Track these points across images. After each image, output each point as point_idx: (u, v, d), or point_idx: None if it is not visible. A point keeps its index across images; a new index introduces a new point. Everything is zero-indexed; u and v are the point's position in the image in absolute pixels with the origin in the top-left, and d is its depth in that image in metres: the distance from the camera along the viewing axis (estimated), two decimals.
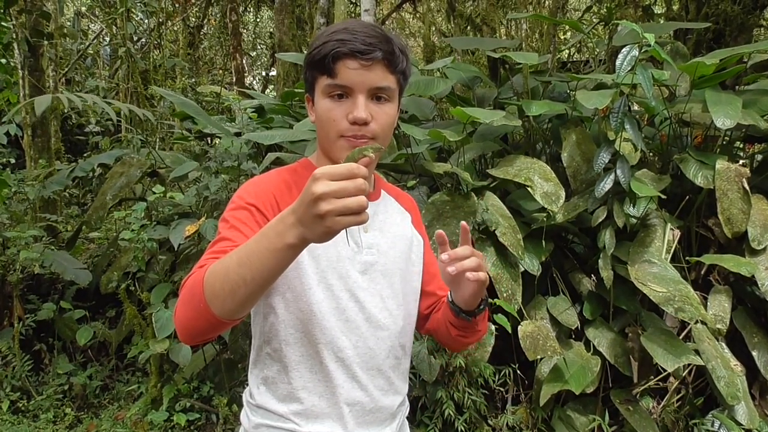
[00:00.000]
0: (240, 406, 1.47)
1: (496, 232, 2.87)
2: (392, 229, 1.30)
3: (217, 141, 4.57)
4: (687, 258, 3.04)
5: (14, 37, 5.27)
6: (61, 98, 3.61)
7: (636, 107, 3.50)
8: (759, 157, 3.62)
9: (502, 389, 3.04)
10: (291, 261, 0.93)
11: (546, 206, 2.87)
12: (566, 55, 9.04)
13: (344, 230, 0.92)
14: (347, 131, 1.16)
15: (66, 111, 7.44)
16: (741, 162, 3.10)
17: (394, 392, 1.28)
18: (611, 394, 2.86)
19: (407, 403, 1.38)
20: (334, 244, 1.16)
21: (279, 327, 1.21)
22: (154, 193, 3.30)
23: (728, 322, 2.81)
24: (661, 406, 2.86)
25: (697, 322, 2.69)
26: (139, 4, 7.34)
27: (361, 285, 1.22)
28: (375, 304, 1.23)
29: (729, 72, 3.18)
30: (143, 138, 4.78)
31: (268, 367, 1.24)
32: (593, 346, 2.88)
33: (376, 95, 1.17)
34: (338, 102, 1.16)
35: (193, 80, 10.05)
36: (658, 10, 7.31)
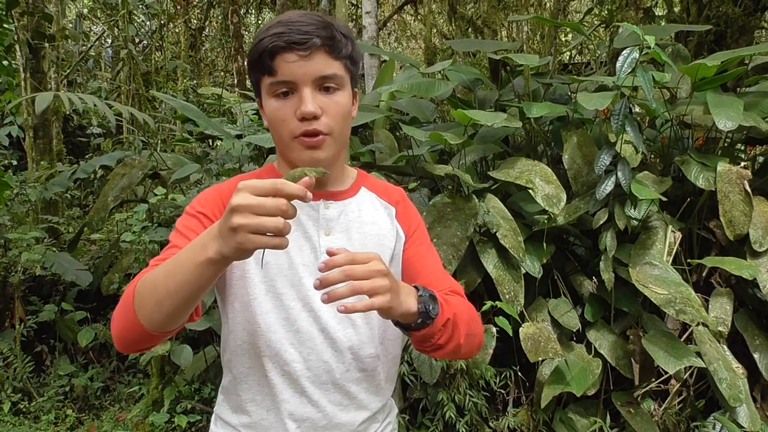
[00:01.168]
0: None
1: (497, 234, 2.87)
2: (363, 229, 1.20)
3: (218, 143, 4.58)
4: (688, 260, 3.04)
5: (16, 39, 5.28)
6: (62, 97, 3.62)
7: (637, 109, 3.49)
8: (760, 159, 3.61)
9: (503, 391, 3.03)
10: (213, 276, 0.88)
11: (547, 208, 2.87)
12: (567, 57, 9.04)
13: (261, 251, 0.85)
14: (298, 129, 1.08)
15: (67, 112, 7.46)
16: (742, 164, 3.10)
17: (356, 407, 1.18)
18: (612, 396, 2.86)
19: (385, 418, 1.27)
20: (286, 251, 1.05)
21: (229, 337, 1.17)
22: (156, 195, 3.31)
23: (730, 325, 2.81)
24: (663, 408, 2.86)
25: (698, 324, 2.68)
26: (140, 6, 7.36)
27: (317, 293, 1.09)
28: (333, 314, 1.13)
29: (730, 74, 3.18)
30: (145, 140, 4.78)
31: (225, 377, 1.22)
32: (594, 348, 2.88)
33: (324, 85, 1.09)
34: (284, 100, 1.09)
35: (195, 82, 10.07)
36: (659, 12, 7.31)
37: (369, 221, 1.21)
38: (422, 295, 1.02)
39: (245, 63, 10.43)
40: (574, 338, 3.02)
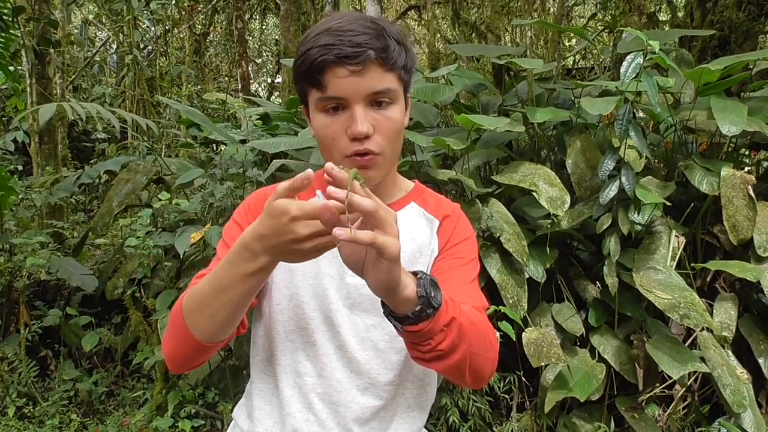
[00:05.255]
0: None
1: (500, 238, 2.87)
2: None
3: (222, 148, 4.59)
4: (692, 265, 3.03)
5: (22, 45, 5.31)
6: (65, 107, 3.64)
7: (641, 114, 3.50)
8: (765, 164, 3.61)
9: (506, 396, 3.03)
10: (267, 277, 0.91)
11: (551, 211, 2.87)
12: (571, 62, 9.04)
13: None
14: (349, 149, 1.02)
15: (72, 118, 7.50)
16: (746, 169, 3.09)
17: None
18: (616, 401, 2.85)
19: None
20: (315, 260, 0.98)
21: (252, 340, 1.16)
22: (160, 199, 3.31)
23: (734, 330, 2.80)
24: (667, 413, 2.85)
25: (702, 329, 2.68)
26: (145, 12, 7.39)
27: (340, 308, 1.09)
28: (354, 333, 1.09)
29: (734, 79, 3.17)
30: (149, 145, 4.80)
31: (249, 380, 1.20)
32: (598, 353, 2.87)
33: (376, 100, 1.02)
34: (334, 116, 1.02)
35: (199, 87, 10.10)
36: (663, 17, 7.32)
37: (407, 237, 1.11)
38: (422, 278, 0.87)
39: (249, 68, 10.48)
40: (578, 343, 3.01)
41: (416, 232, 1.15)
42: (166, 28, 8.85)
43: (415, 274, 0.88)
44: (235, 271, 0.88)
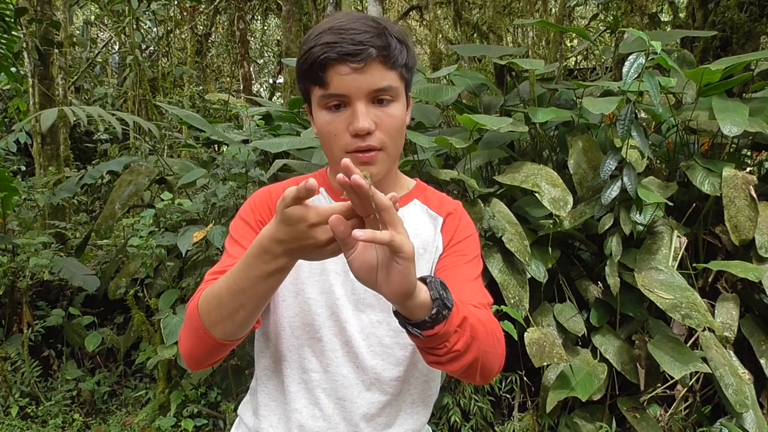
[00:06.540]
0: None
1: (502, 238, 2.87)
2: None
3: (224, 148, 4.60)
4: (694, 265, 3.03)
5: (24, 46, 5.33)
6: (66, 111, 3.65)
7: (643, 114, 3.50)
8: (766, 164, 3.61)
9: (508, 396, 3.03)
10: (286, 275, 0.91)
11: (554, 211, 2.87)
12: (573, 63, 9.05)
13: None
14: (351, 145, 1.03)
15: (74, 120, 7.51)
16: (748, 169, 3.09)
17: (373, 430, 1.12)
18: (618, 401, 2.86)
19: None
20: None
21: (257, 337, 1.16)
22: (163, 200, 3.32)
23: (736, 330, 2.80)
24: (669, 414, 2.85)
25: (704, 329, 2.68)
26: (147, 13, 7.41)
27: (345, 304, 1.10)
28: (360, 329, 1.09)
29: (736, 80, 3.18)
30: (151, 146, 4.81)
31: (254, 377, 1.21)
32: (600, 353, 2.88)
33: (378, 98, 1.03)
34: (336, 113, 1.03)
35: (201, 88, 10.11)
36: (664, 18, 7.32)
37: (411, 234, 1.07)
38: (431, 281, 0.87)
39: (251, 69, 10.49)
40: (580, 343, 3.01)
41: (420, 229, 1.16)
42: (168, 28, 8.86)
43: (422, 279, 0.88)
44: (254, 273, 0.88)
